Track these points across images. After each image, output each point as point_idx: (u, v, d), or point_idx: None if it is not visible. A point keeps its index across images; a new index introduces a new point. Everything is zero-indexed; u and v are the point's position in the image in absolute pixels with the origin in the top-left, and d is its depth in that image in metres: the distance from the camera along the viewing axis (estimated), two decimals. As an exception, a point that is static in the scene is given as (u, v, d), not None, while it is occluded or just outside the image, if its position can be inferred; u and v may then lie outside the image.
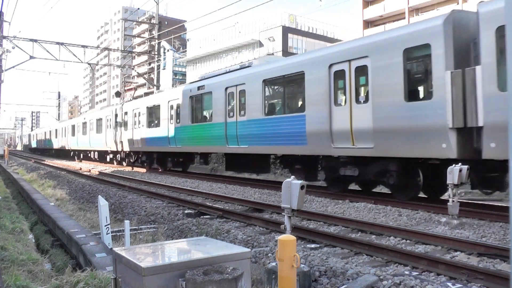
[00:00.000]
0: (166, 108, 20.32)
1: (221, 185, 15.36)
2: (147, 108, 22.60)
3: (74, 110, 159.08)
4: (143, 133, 22.84)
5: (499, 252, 5.70)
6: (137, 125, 23.69)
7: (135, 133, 23.77)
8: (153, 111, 22.27)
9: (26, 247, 7.03)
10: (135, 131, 23.95)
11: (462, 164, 7.72)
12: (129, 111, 25.08)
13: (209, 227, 8.14)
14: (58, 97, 68.61)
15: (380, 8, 46.01)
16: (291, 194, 4.84)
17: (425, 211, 9.04)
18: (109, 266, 5.02)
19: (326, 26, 60.72)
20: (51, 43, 28.00)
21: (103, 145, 29.42)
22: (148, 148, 22.65)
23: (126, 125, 25.21)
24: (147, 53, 47.82)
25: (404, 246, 6.42)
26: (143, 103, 23.56)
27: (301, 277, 4.50)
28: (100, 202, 6.74)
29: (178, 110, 19.37)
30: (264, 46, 52.50)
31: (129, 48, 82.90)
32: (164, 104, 20.61)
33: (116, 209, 11.20)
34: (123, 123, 25.71)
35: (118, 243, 7.09)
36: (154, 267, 2.57)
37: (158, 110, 21.43)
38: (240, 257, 2.85)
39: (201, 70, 61.70)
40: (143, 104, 23.42)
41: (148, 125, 22.47)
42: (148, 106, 22.65)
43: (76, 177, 20.56)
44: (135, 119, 24.15)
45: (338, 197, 11.35)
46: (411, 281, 4.62)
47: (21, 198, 14.81)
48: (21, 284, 4.64)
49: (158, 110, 21.35)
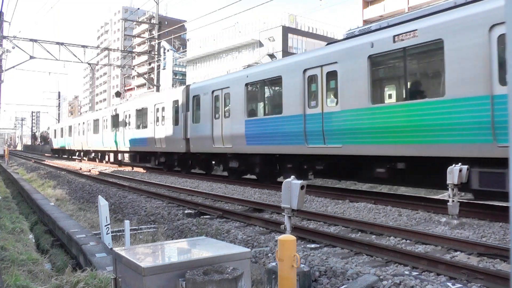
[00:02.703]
0: (210, 100, 16.90)
1: (221, 185, 15.36)
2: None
3: (74, 110, 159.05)
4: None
5: (499, 252, 5.70)
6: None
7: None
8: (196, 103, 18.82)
9: (26, 247, 7.03)
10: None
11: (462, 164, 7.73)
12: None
13: (209, 227, 8.14)
14: (58, 97, 68.63)
15: (380, 8, 46.02)
16: (291, 194, 4.84)
17: (425, 211, 9.04)
18: (109, 266, 5.02)
19: (326, 26, 60.76)
20: (51, 43, 28.00)
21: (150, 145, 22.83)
22: (196, 149, 18.26)
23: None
24: (147, 53, 47.79)
25: (404, 246, 6.42)
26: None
27: (301, 277, 4.50)
28: (100, 202, 6.74)
29: (226, 102, 16.03)
30: (264, 46, 52.50)
31: (129, 48, 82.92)
32: (208, 96, 17.04)
33: (116, 209, 11.20)
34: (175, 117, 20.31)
35: (118, 243, 7.10)
36: (154, 267, 2.57)
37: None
38: (240, 257, 2.84)
39: (201, 70, 61.74)
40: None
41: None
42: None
43: (76, 177, 20.56)
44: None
45: (338, 197, 11.36)
46: (411, 281, 4.62)
47: (21, 198, 14.81)
48: (21, 284, 4.64)
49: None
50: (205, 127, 17.17)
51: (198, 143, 17.84)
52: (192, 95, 18.39)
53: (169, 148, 20.39)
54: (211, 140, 16.73)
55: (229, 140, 15.60)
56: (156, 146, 21.59)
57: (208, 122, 17.04)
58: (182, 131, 18.93)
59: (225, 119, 15.94)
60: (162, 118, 21.10)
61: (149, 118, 22.46)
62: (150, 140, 22.17)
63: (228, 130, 15.65)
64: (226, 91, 15.97)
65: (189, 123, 18.50)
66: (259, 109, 14.80)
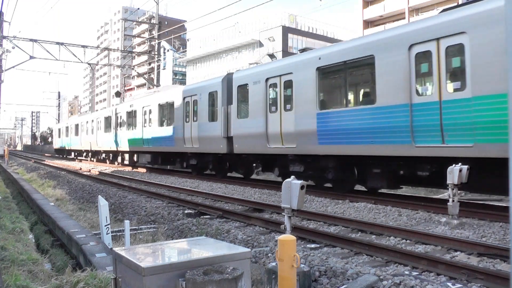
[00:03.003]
0: (263, 90, 14.07)
1: (221, 185, 15.36)
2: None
3: (74, 110, 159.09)
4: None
5: (499, 252, 5.70)
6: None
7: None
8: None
9: (26, 247, 7.03)
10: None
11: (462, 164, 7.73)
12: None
13: (209, 227, 8.14)
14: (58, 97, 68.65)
15: (380, 8, 46.03)
16: (291, 194, 4.84)
17: (425, 211, 9.04)
18: (109, 266, 5.02)
19: (326, 26, 60.79)
20: (51, 43, 28.00)
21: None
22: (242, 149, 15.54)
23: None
24: (147, 53, 47.81)
25: (404, 246, 6.42)
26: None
27: (301, 277, 4.50)
28: (100, 202, 6.73)
29: (287, 91, 13.25)
30: (264, 46, 52.52)
31: (129, 48, 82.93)
32: (260, 85, 14.28)
33: (116, 209, 11.20)
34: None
35: (118, 243, 7.10)
36: (154, 267, 2.57)
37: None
38: (240, 257, 2.84)
39: (201, 70, 61.76)
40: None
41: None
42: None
43: (76, 177, 20.56)
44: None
45: (338, 197, 11.35)
46: (411, 281, 4.62)
47: (21, 198, 14.81)
48: (21, 284, 4.64)
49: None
50: (255, 123, 14.18)
51: (245, 143, 14.85)
52: (237, 85, 15.28)
53: (204, 148, 17.37)
54: (264, 138, 13.76)
55: (292, 138, 12.67)
56: (186, 146, 18.60)
57: (260, 117, 13.98)
58: (222, 128, 16.04)
59: (285, 113, 13.00)
60: (194, 114, 18.10)
61: (177, 114, 19.33)
62: (178, 140, 19.16)
63: (289, 126, 12.72)
64: (287, 78, 12.92)
65: (232, 119, 15.51)
66: (338, 99, 11.90)
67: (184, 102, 19.03)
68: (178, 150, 19.65)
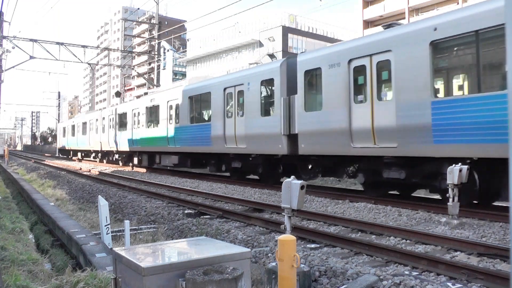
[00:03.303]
0: (343, 75, 11.56)
1: (221, 185, 15.36)
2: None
3: (74, 110, 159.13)
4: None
5: (499, 252, 5.70)
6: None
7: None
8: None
9: (26, 247, 7.03)
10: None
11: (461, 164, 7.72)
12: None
13: (209, 227, 8.14)
14: (58, 97, 68.63)
15: (380, 8, 46.03)
16: (291, 194, 4.84)
17: (425, 211, 9.04)
18: (109, 266, 5.02)
19: (326, 26, 60.77)
20: (51, 43, 28.00)
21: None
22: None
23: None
24: (147, 53, 47.82)
25: (404, 246, 6.42)
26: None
27: (301, 277, 4.50)
28: (100, 202, 6.74)
29: (380, 75, 10.82)
30: (264, 46, 52.52)
31: (129, 48, 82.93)
32: (339, 69, 11.76)
33: (116, 209, 11.20)
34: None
35: (118, 243, 7.09)
36: (154, 267, 2.57)
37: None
38: (240, 257, 2.84)
39: (201, 70, 61.75)
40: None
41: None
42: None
43: (76, 177, 20.56)
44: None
45: (338, 197, 11.36)
46: (411, 281, 4.62)
47: (21, 198, 14.81)
48: (21, 284, 4.64)
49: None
50: (333, 117, 11.45)
51: (316, 141, 12.00)
52: (304, 70, 12.44)
53: (253, 148, 14.59)
54: (346, 136, 10.98)
55: (390, 135, 10.04)
56: (228, 146, 15.72)
57: (340, 109, 11.20)
58: (281, 124, 13.21)
59: (379, 103, 10.38)
60: (239, 107, 15.28)
61: (215, 108, 16.45)
62: (217, 139, 16.30)
63: (386, 119, 10.12)
64: (381, 57, 10.30)
65: (296, 112, 12.70)
66: (467, 82, 9.23)
67: (225, 94, 15.96)
68: (216, 150, 16.58)
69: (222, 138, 16.07)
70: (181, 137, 19.07)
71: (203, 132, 17.31)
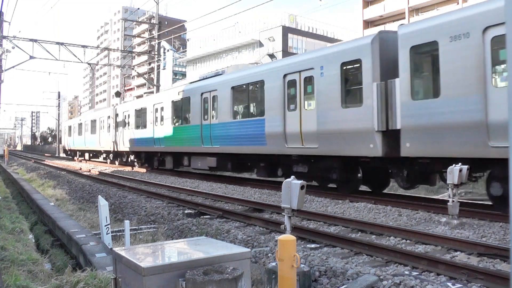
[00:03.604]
0: (476, 49, 8.57)
1: (221, 185, 15.36)
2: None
3: (74, 110, 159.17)
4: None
5: (499, 252, 5.70)
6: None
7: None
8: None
9: (26, 247, 7.02)
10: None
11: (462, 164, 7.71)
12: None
13: (209, 227, 8.14)
14: (58, 97, 68.60)
15: (380, 8, 46.03)
16: (291, 194, 4.84)
17: (425, 211, 9.04)
18: (109, 266, 5.02)
19: (326, 26, 60.79)
20: (51, 43, 27.99)
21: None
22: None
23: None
24: (147, 53, 47.82)
25: (404, 246, 6.42)
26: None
27: (301, 277, 4.50)
28: (100, 202, 6.74)
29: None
30: (264, 46, 52.54)
31: (129, 48, 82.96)
32: (467, 41, 8.77)
33: (116, 209, 11.20)
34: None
35: (118, 243, 7.09)
36: (154, 267, 2.57)
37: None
38: (240, 257, 2.84)
39: (201, 70, 61.74)
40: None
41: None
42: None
43: (76, 177, 20.56)
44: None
45: (338, 197, 11.35)
46: (411, 281, 4.62)
47: (21, 198, 14.81)
48: (21, 284, 4.64)
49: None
50: (457, 106, 8.70)
51: (430, 139, 9.18)
52: (409, 46, 9.65)
53: (329, 148, 11.52)
54: (482, 131, 8.25)
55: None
56: (289, 146, 12.73)
57: (469, 95, 8.50)
58: (375, 117, 10.27)
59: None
60: (308, 97, 12.35)
61: (270, 99, 13.48)
62: (274, 137, 13.22)
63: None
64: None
65: (397, 101, 9.86)
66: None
67: (285, 81, 13.00)
68: (272, 151, 13.53)
69: (281, 136, 12.96)
70: (220, 135, 15.95)
71: (252, 129, 14.22)
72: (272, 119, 13.44)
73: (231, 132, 15.42)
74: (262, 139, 13.82)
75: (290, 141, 12.80)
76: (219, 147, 16.03)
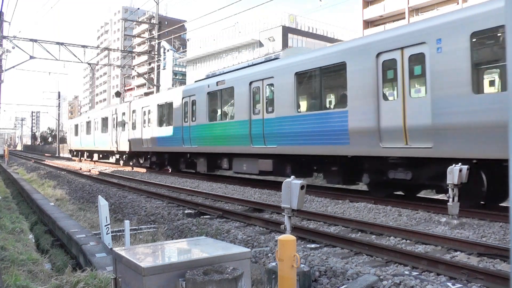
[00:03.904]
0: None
1: (221, 185, 15.36)
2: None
3: (74, 110, 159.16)
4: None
5: (499, 252, 5.70)
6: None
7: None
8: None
9: (26, 247, 7.02)
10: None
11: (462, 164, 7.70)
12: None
13: (209, 227, 8.14)
14: (58, 97, 68.61)
15: (380, 8, 46.05)
16: (291, 194, 4.84)
17: (425, 211, 9.04)
18: (109, 266, 5.02)
19: (326, 26, 60.80)
20: (51, 43, 27.99)
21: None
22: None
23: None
24: (147, 53, 47.82)
25: (404, 246, 6.42)
26: None
27: (301, 277, 4.50)
28: (100, 202, 6.74)
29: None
30: (264, 46, 52.54)
31: (129, 48, 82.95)
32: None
33: (116, 209, 11.20)
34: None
35: (118, 243, 7.09)
36: (154, 267, 2.57)
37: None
38: (240, 257, 2.84)
39: (201, 70, 61.72)
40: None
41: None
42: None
43: (76, 177, 20.56)
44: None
45: (338, 197, 11.35)
46: (411, 281, 4.62)
47: (21, 198, 14.81)
48: (21, 284, 4.64)
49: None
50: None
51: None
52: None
53: (454, 147, 8.62)
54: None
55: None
56: (386, 145, 9.96)
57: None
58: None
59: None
60: (417, 82, 9.63)
61: (354, 86, 10.64)
62: (359, 133, 10.50)
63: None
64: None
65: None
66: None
67: (377, 63, 10.07)
68: (360, 152, 10.62)
69: (372, 132, 10.14)
70: (277, 132, 13.04)
71: (328, 125, 11.34)
72: (358, 111, 10.47)
73: (295, 128, 12.35)
74: (342, 137, 10.87)
75: (386, 139, 9.92)
76: (276, 147, 13.08)
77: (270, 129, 13.38)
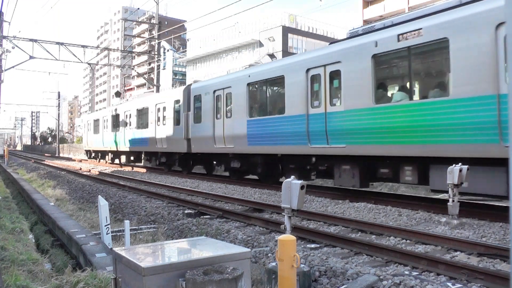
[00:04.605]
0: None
1: (221, 185, 15.36)
2: None
3: (74, 110, 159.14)
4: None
5: (499, 252, 5.70)
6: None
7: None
8: None
9: (26, 247, 7.02)
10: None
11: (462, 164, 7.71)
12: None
13: (209, 227, 8.14)
14: (58, 97, 68.62)
15: (380, 8, 46.05)
16: (291, 194, 4.84)
17: (425, 211, 9.04)
18: (109, 266, 5.02)
19: (326, 26, 60.79)
20: (51, 43, 27.98)
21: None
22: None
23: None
24: (147, 53, 47.82)
25: (404, 246, 6.42)
26: None
27: (301, 277, 4.50)
28: (100, 202, 6.73)
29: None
30: (264, 46, 52.53)
31: (129, 48, 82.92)
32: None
33: (116, 209, 11.20)
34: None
35: (118, 243, 7.09)
36: (154, 267, 2.57)
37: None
38: (240, 257, 2.84)
39: (201, 70, 61.74)
40: None
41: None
42: None
43: (76, 177, 20.56)
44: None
45: (338, 197, 11.35)
46: (411, 281, 4.62)
47: (21, 198, 14.80)
48: (21, 284, 4.64)
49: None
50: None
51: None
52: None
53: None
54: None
55: None
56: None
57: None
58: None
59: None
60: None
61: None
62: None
63: None
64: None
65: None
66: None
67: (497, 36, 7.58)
68: (487, 153, 7.87)
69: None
70: (347, 128, 10.66)
71: (442, 117, 8.52)
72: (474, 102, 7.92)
73: (373, 122, 9.90)
74: (479, 133, 7.89)
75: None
76: (345, 146, 10.71)
77: (337, 124, 10.98)
